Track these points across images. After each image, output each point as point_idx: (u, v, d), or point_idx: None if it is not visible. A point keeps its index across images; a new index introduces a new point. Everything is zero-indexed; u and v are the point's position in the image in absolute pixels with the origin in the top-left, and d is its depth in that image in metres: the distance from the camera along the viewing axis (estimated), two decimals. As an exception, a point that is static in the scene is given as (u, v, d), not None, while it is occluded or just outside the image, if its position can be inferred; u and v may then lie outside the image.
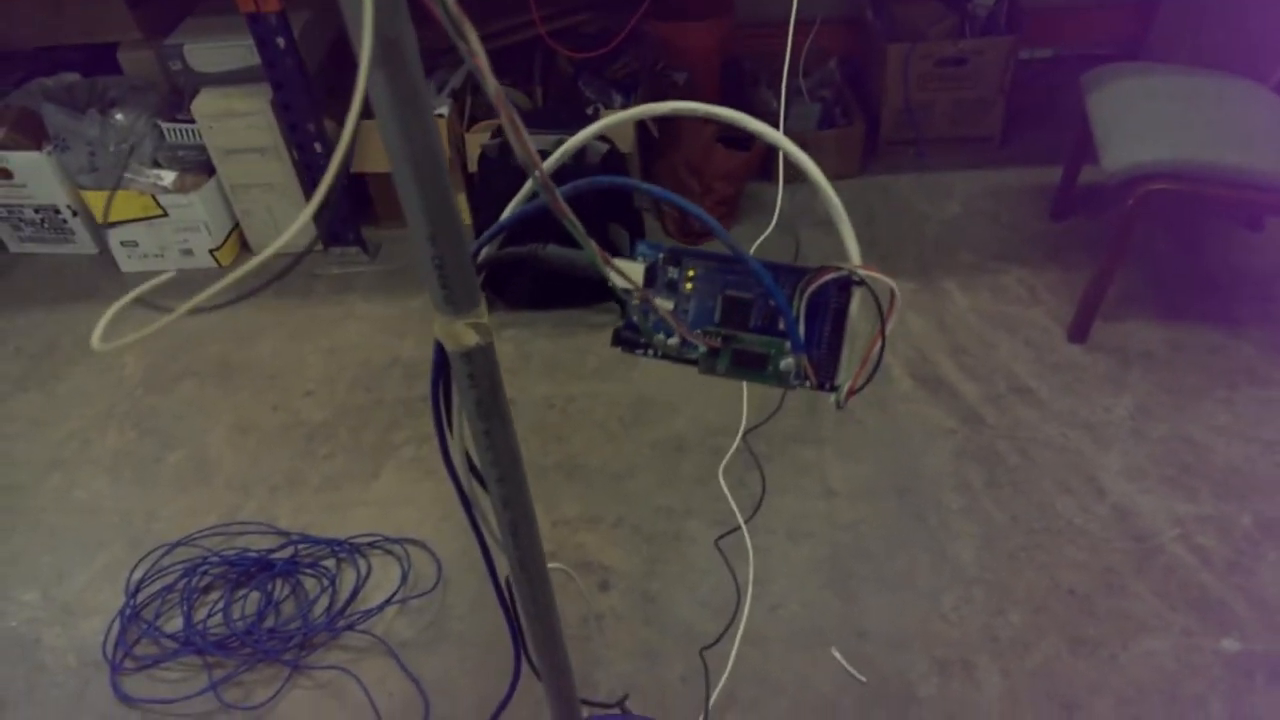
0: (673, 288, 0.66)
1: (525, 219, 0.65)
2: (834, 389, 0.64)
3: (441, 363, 0.64)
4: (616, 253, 0.61)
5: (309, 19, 2.31)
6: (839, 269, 0.62)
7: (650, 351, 0.67)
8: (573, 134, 0.67)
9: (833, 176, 1.44)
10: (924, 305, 2.17)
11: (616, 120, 0.65)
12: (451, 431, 0.68)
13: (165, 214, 2.39)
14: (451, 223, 0.55)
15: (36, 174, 2.42)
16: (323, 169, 2.31)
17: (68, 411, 2.11)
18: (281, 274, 2.43)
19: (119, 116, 2.36)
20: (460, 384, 0.62)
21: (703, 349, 0.65)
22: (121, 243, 2.45)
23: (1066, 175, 2.32)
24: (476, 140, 2.40)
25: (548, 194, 0.51)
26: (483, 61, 0.44)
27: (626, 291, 0.62)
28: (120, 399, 2.13)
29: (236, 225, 2.51)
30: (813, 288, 0.62)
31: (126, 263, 2.50)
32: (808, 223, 2.45)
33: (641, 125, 2.48)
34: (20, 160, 2.40)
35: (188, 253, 2.47)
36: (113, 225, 2.42)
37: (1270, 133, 1.82)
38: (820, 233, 2.40)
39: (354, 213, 2.45)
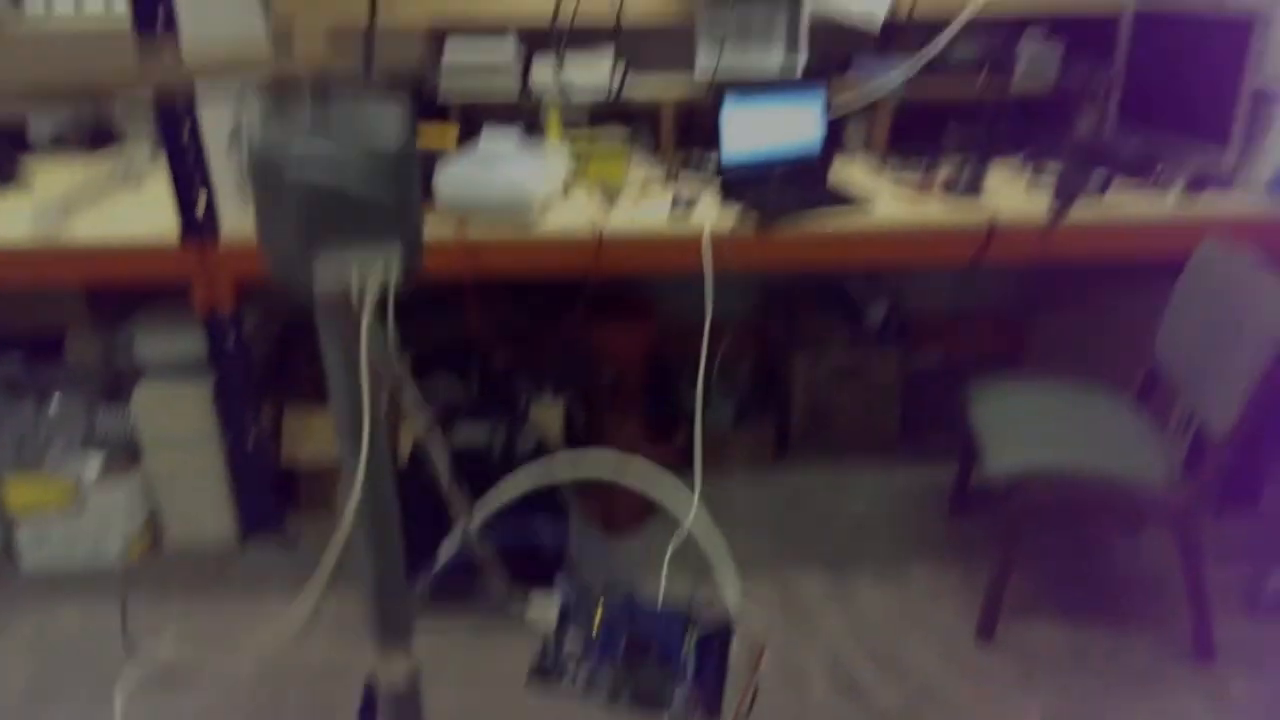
0: (584, 625, 0.72)
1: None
2: None
3: (369, 698, 0.67)
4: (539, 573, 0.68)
5: (260, 314, 2.45)
6: (723, 617, 0.69)
7: (562, 684, 0.71)
8: (505, 422, 0.77)
9: (746, 472, 1.56)
10: (836, 599, 2.23)
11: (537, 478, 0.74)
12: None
13: (84, 503, 2.35)
14: (395, 575, 0.62)
15: (-46, 458, 2.39)
16: (253, 460, 2.35)
17: (-64, 718, 1.94)
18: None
19: (55, 402, 2.40)
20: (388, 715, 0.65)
21: (608, 681, 0.71)
22: (29, 536, 2.37)
23: (960, 477, 2.50)
24: (408, 434, 2.49)
25: (473, 546, 0.58)
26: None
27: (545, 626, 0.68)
28: (2, 714, 1.97)
29: (153, 516, 2.47)
30: (700, 632, 0.72)
31: (30, 557, 2.39)
32: (725, 519, 2.54)
33: (570, 416, 2.62)
34: (-59, 444, 2.38)
35: (98, 546, 2.40)
36: (24, 516, 2.36)
37: (1131, 441, 2.03)
38: (737, 533, 2.49)
39: (277, 503, 2.46)
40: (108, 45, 2.57)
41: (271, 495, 2.42)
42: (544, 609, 0.69)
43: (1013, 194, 2.23)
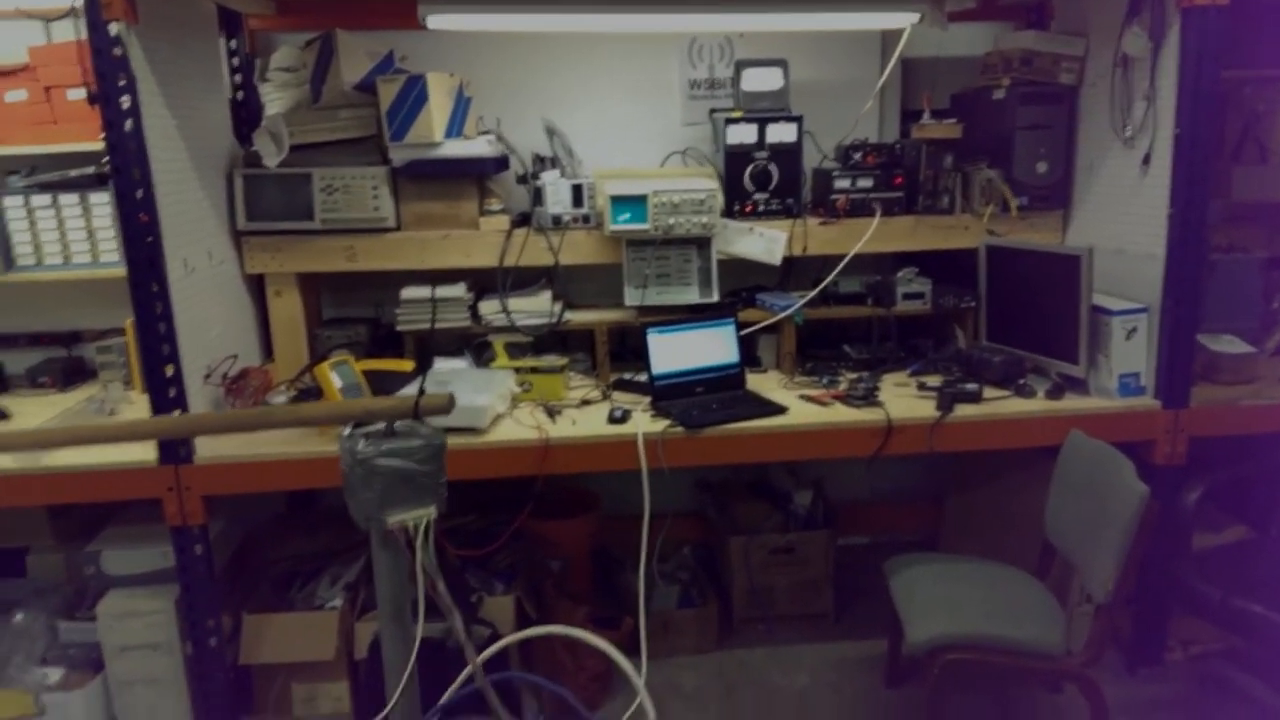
0: None
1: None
2: None
3: None
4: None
5: (223, 525, 2.60)
6: None
7: None
8: (465, 616, 1.05)
9: (693, 652, 1.73)
10: (785, 776, 2.33)
11: (522, 637, 1.00)
12: None
13: (42, 713, 2.38)
14: (414, 708, 0.88)
15: (-92, 679, 2.41)
16: (213, 662, 2.43)
17: None
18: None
19: (18, 617, 2.47)
20: None
21: None
22: (-20, 749, 2.39)
23: (890, 648, 2.68)
24: (365, 628, 2.60)
25: (479, 680, 0.83)
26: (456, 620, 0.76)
27: None
28: None
29: (110, 724, 2.50)
30: None
31: (-21, 771, 2.40)
32: (673, 698, 2.66)
33: (521, 606, 2.76)
34: (-105, 665, 2.41)
35: (51, 758, 2.41)
36: (-23, 730, 2.38)
37: (1034, 610, 2.25)
38: (686, 713, 2.60)
39: (234, 706, 2.51)
40: (91, 292, 2.85)
41: (229, 699, 2.47)
42: None
43: (902, 400, 2.56)
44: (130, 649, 2.45)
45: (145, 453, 2.27)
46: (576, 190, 2.76)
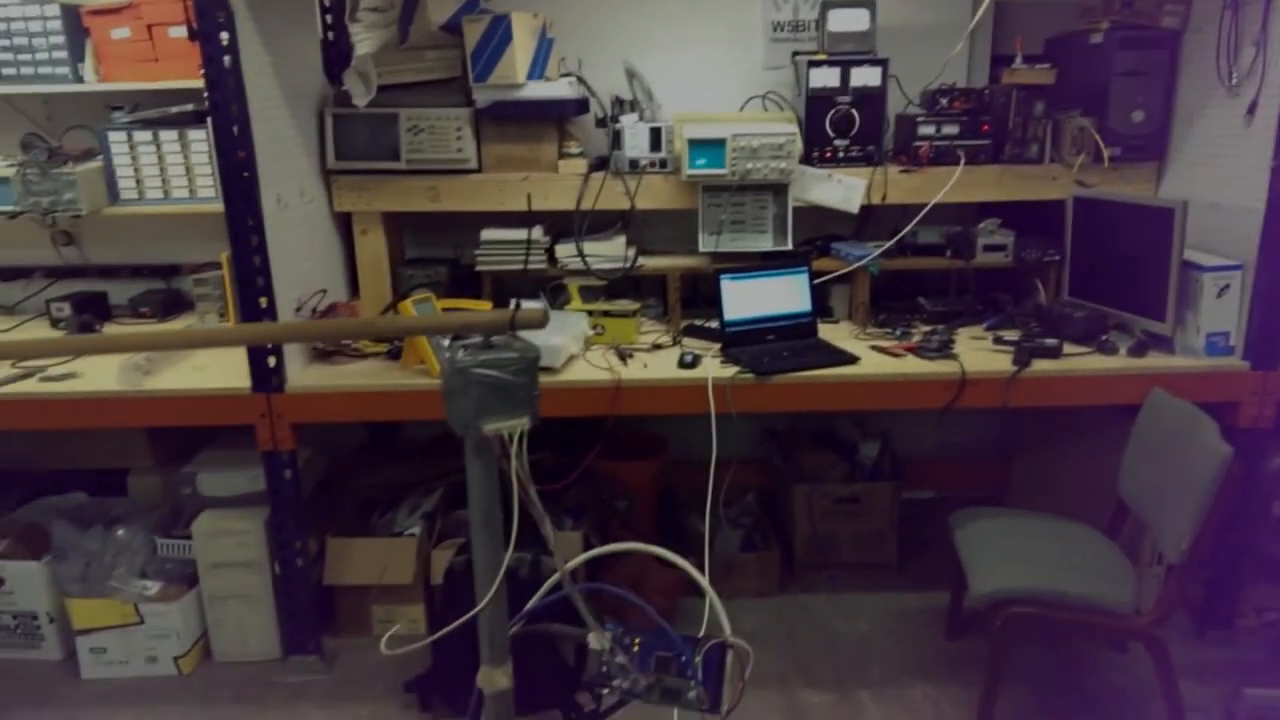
0: (626, 650, 1.15)
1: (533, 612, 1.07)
2: (718, 711, 1.11)
3: (478, 702, 1.12)
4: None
5: (310, 453, 2.73)
6: (719, 639, 1.11)
7: (613, 691, 1.14)
8: (530, 550, 1.14)
9: (754, 595, 1.78)
10: (842, 716, 2.38)
11: (596, 553, 1.07)
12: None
13: (141, 621, 2.56)
14: (500, 611, 0.96)
15: (27, 582, 2.61)
16: (299, 581, 2.57)
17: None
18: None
19: (120, 532, 2.64)
20: (488, 716, 1.06)
21: (643, 685, 1.14)
22: (90, 649, 2.58)
23: (953, 600, 2.69)
24: (442, 556, 2.71)
25: (570, 591, 0.91)
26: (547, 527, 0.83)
27: (601, 650, 1.06)
28: (58, 811, 2.13)
29: (204, 634, 2.67)
30: (705, 649, 1.13)
31: (90, 669, 2.60)
32: (738, 636, 2.71)
33: (588, 542, 2.84)
34: (15, 569, 2.61)
35: (152, 660, 2.60)
36: (87, 632, 2.57)
37: (1103, 567, 2.24)
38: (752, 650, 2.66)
39: (317, 624, 2.65)
40: (189, 226, 2.97)
41: (313, 616, 2.62)
42: (601, 638, 1.13)
43: (978, 354, 2.53)
44: (222, 566, 2.60)
45: (240, 380, 2.39)
46: (655, 134, 2.76)
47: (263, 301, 2.32)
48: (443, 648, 2.44)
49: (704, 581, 1.17)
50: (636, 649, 1.17)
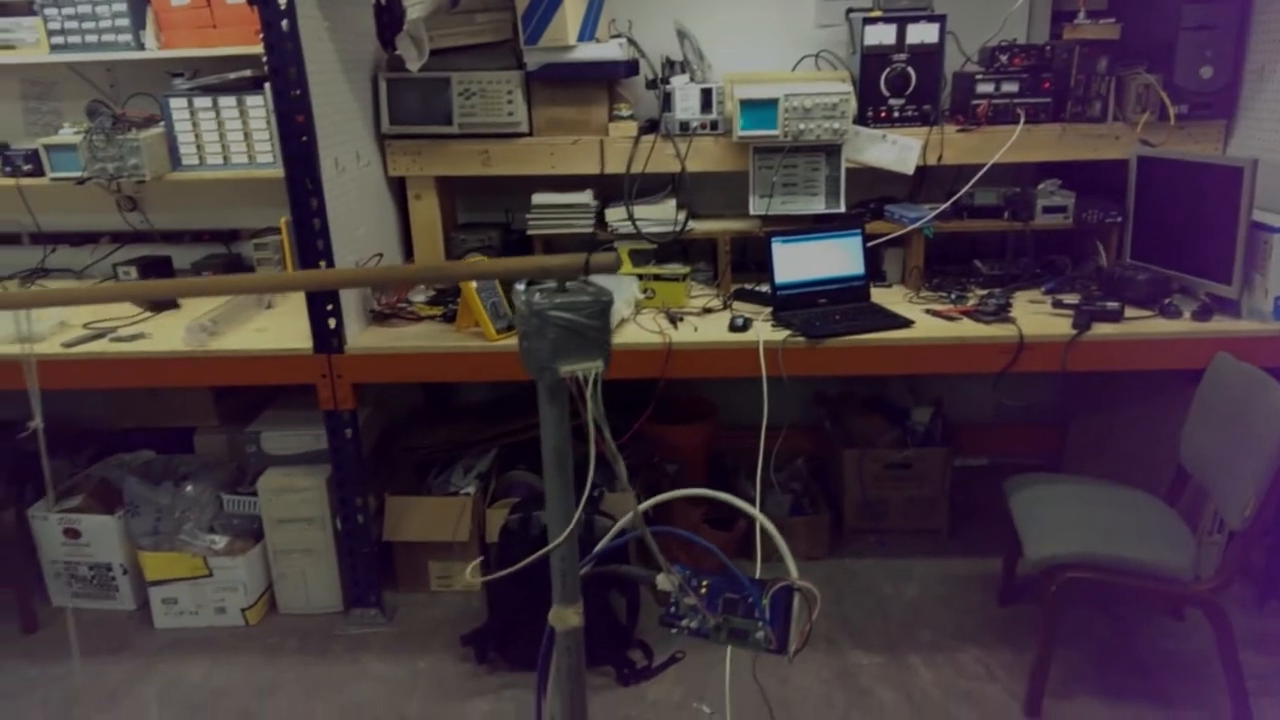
0: (694, 591, 1.17)
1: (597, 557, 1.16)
2: (785, 652, 1.14)
3: (549, 639, 1.16)
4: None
5: (369, 413, 2.79)
6: (786, 581, 1.15)
7: (682, 630, 1.18)
8: (583, 509, 1.16)
9: (803, 559, 1.82)
10: (892, 679, 2.40)
11: (666, 498, 1.17)
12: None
13: (210, 574, 2.66)
14: (574, 552, 1.05)
15: (102, 535, 2.73)
16: (360, 537, 2.64)
17: (86, 762, 2.21)
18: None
19: (189, 488, 2.74)
20: (559, 653, 1.12)
21: (712, 624, 1.16)
22: (162, 600, 2.69)
23: (1006, 566, 2.68)
24: (496, 515, 2.77)
25: (643, 531, 0.97)
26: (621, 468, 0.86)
27: (670, 592, 1.13)
28: (138, 752, 2.24)
29: (270, 587, 2.77)
30: (772, 591, 1.15)
31: (162, 619, 2.71)
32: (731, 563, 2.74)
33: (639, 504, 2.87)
34: (91, 523, 2.73)
35: (221, 610, 2.70)
36: (160, 583, 2.68)
37: (1162, 534, 2.21)
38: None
39: (377, 578, 2.73)
40: (248, 191, 3.03)
41: (373, 571, 2.70)
42: (671, 579, 1.16)
43: (1036, 318, 2.48)
44: (286, 521, 2.69)
45: (301, 342, 2.45)
46: (706, 95, 2.74)
47: (322, 265, 2.36)
48: (498, 604, 2.50)
49: (770, 526, 1.19)
50: (704, 590, 1.20)
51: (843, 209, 2.76)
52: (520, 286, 1.11)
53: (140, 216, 3.22)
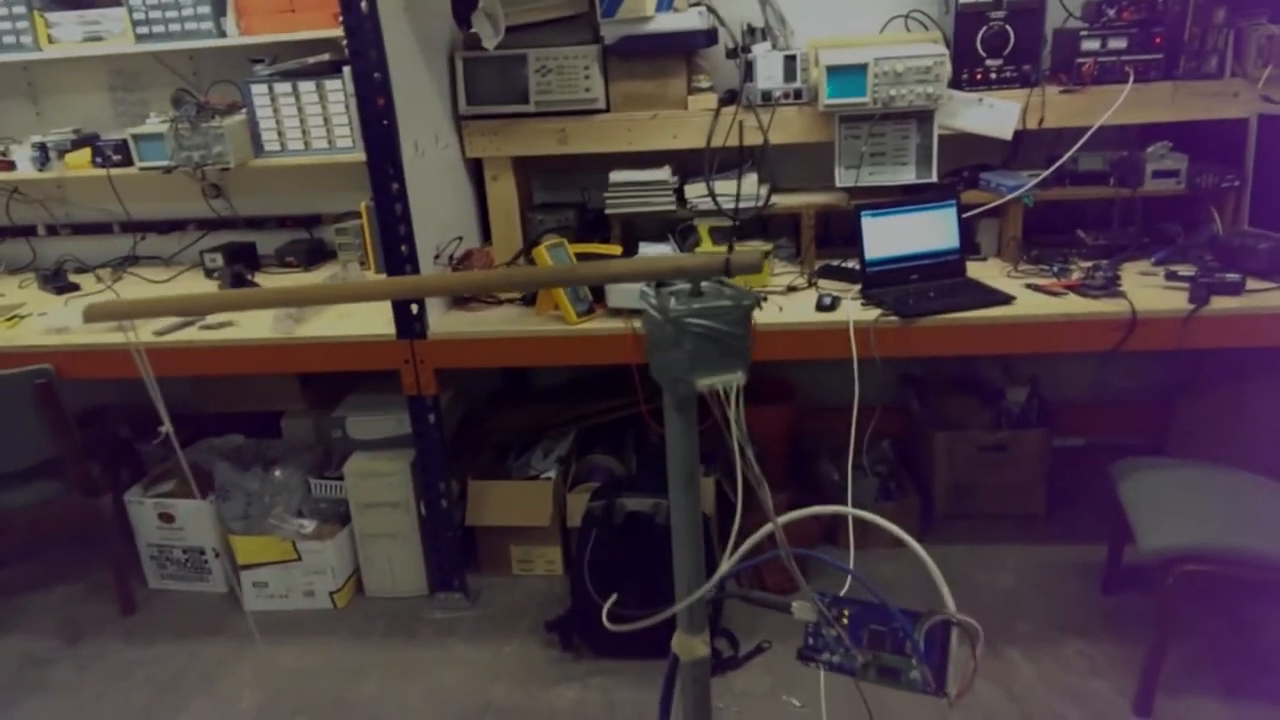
0: (835, 622, 1.06)
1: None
2: (945, 694, 1.01)
3: (673, 666, 1.09)
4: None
5: (451, 397, 2.78)
6: (943, 615, 1.01)
7: (823, 665, 1.07)
8: (664, 495, 1.08)
9: (891, 544, 1.73)
10: (991, 672, 2.30)
11: (801, 515, 1.09)
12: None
13: (299, 558, 2.70)
14: (700, 575, 0.96)
15: (195, 519, 2.79)
16: (443, 521, 2.65)
17: (186, 744, 2.26)
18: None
19: (278, 472, 2.78)
20: (685, 685, 1.05)
21: (860, 662, 1.05)
22: (253, 583, 2.75)
23: (1111, 554, 2.54)
24: (577, 500, 2.74)
25: (785, 554, 0.95)
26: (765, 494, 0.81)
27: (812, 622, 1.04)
28: (236, 732, 2.28)
29: (356, 570, 2.80)
30: (928, 625, 1.02)
31: (253, 601, 2.77)
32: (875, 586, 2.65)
33: (720, 488, 2.81)
34: (184, 507, 2.79)
35: (310, 594, 2.74)
36: (250, 567, 2.73)
37: (1286, 522, 2.06)
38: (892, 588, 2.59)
39: (461, 561, 2.74)
40: (329, 176, 3.03)
41: (457, 555, 2.70)
42: (806, 609, 1.05)
43: (1147, 291, 2.32)
44: (372, 506, 2.71)
45: (384, 327, 2.44)
46: (789, 62, 2.63)
47: (404, 249, 2.35)
48: (582, 590, 2.48)
49: (926, 558, 1.07)
50: (846, 621, 1.08)
51: (935, 179, 2.63)
52: (646, 288, 1.03)
53: (225, 203, 3.26)
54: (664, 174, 2.77)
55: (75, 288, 3.04)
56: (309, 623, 2.70)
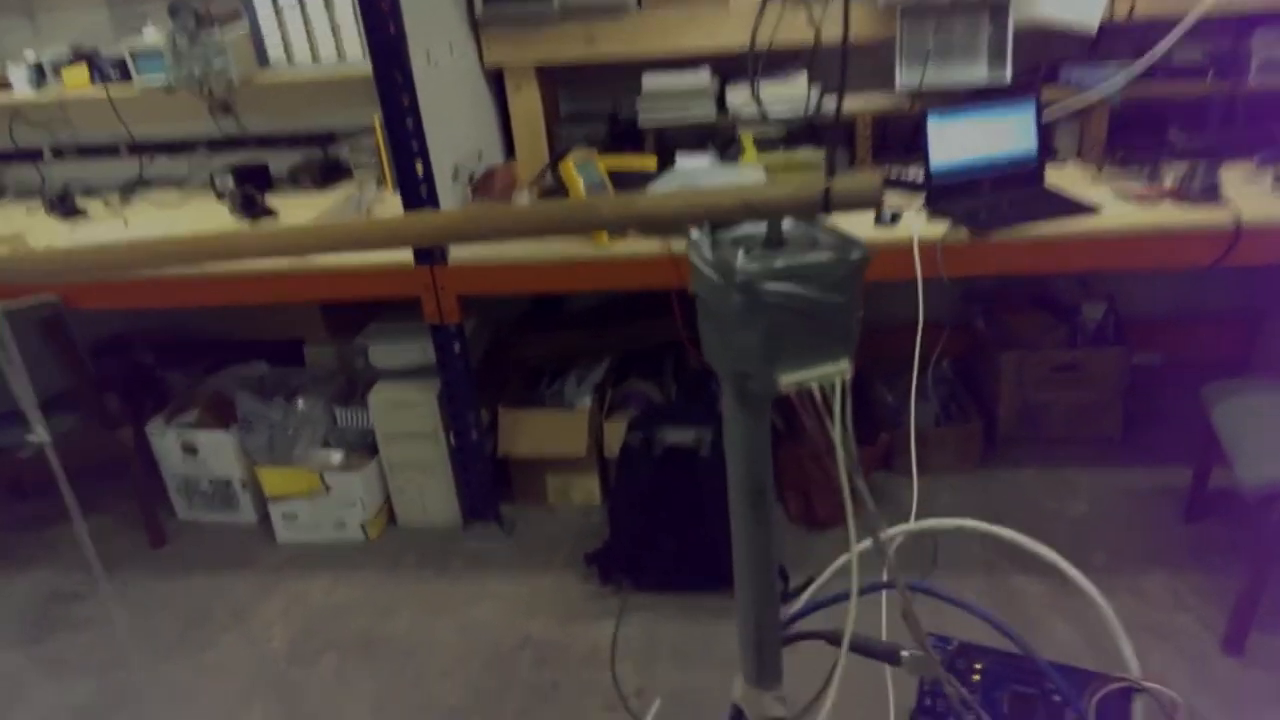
0: (962, 678, 0.76)
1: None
2: None
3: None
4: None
5: (475, 323, 2.62)
6: (1125, 679, 0.73)
7: None
8: (709, 424, 0.81)
9: (951, 471, 1.50)
10: (1064, 608, 2.15)
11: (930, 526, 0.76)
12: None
13: (328, 490, 2.60)
14: (774, 615, 0.69)
15: (219, 451, 2.69)
16: (475, 453, 2.52)
17: (216, 682, 2.20)
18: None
19: (300, 403, 2.66)
20: None
21: None
22: (283, 515, 2.66)
23: (1197, 479, 2.35)
24: (614, 428, 2.59)
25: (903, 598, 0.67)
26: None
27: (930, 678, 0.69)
28: (264, 673, 2.21)
29: (387, 501, 2.70)
30: (1101, 692, 0.73)
31: (284, 533, 2.68)
32: (934, 515, 2.49)
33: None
34: (208, 438, 2.69)
35: (340, 526, 2.65)
36: (279, 499, 2.64)
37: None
38: (946, 536, 2.43)
39: (494, 492, 2.62)
40: (341, 90, 2.81)
41: (490, 485, 2.58)
42: (920, 663, 0.76)
43: (1253, 198, 2.07)
44: (399, 437, 2.58)
45: (404, 254, 2.27)
46: (846, -55, 2.34)
47: (418, 168, 2.15)
48: (621, 524, 2.35)
49: (1096, 597, 0.81)
50: (978, 676, 0.80)
51: (1009, 76, 2.36)
52: (697, 235, 0.69)
53: (234, 122, 3.07)
54: (702, 78, 2.53)
55: (82, 213, 2.89)
56: (342, 555, 2.62)
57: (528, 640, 2.24)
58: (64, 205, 2.86)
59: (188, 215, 2.79)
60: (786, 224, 0.71)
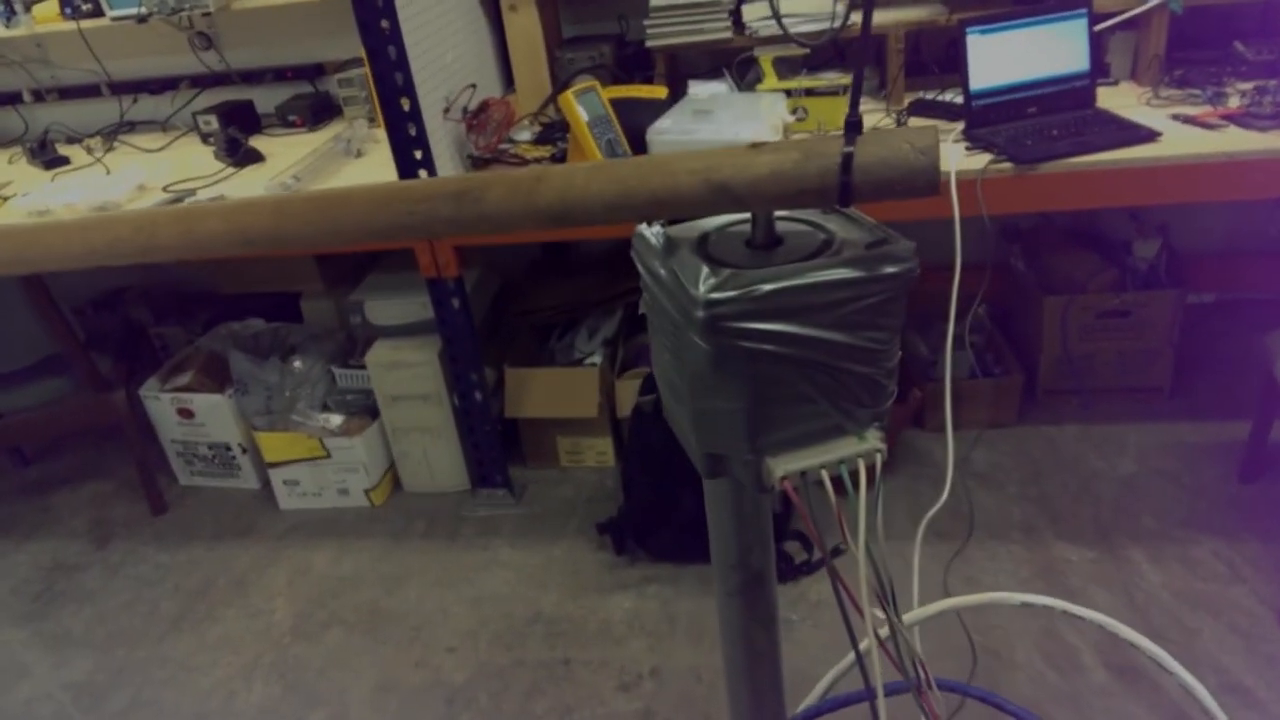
0: None
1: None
2: None
3: None
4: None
5: (478, 276, 2.46)
6: None
7: None
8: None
9: (987, 425, 1.29)
10: (1109, 578, 1.99)
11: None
12: None
13: (328, 455, 2.48)
14: None
15: (215, 414, 2.57)
16: (480, 414, 2.38)
17: (217, 658, 2.12)
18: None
19: (297, 363, 2.52)
20: None
21: None
22: (284, 481, 2.55)
23: (1256, 434, 2.16)
24: (626, 386, 2.44)
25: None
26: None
27: None
28: (268, 647, 2.13)
29: (391, 466, 2.58)
30: None
31: (286, 500, 2.58)
32: (968, 476, 2.34)
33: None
34: (203, 402, 2.57)
35: (344, 492, 2.54)
36: (279, 465, 2.52)
37: None
38: (987, 493, 2.27)
39: (503, 455, 2.48)
40: (327, 17, 2.60)
41: (498, 448, 2.45)
42: None
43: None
44: (401, 399, 2.44)
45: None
46: None
47: (404, 103, 1.95)
48: (635, 493, 2.21)
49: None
50: None
51: (1058, -16, 2.10)
52: (647, 231, 0.46)
53: (217, 56, 2.86)
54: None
55: (65, 161, 2.73)
56: (346, 523, 2.51)
57: (539, 615, 2.12)
58: (45, 152, 2.70)
59: (170, 159, 2.62)
60: (795, 223, 0.49)
